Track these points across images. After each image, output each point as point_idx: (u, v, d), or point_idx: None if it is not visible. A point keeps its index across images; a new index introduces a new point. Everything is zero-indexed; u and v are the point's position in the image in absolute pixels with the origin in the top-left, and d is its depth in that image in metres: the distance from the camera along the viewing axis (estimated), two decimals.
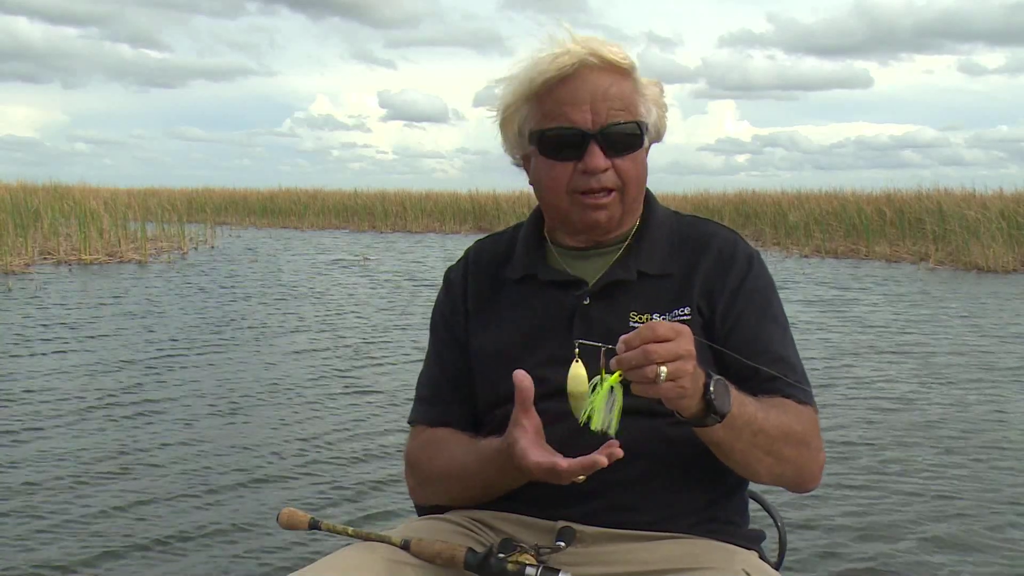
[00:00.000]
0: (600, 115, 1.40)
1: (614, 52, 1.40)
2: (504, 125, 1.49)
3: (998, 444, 4.83)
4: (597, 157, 1.41)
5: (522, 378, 1.29)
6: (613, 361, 1.20)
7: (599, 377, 1.21)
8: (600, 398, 1.20)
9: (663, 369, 1.17)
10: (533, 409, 1.31)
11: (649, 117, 1.46)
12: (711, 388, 1.24)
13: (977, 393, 6.07)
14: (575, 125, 1.41)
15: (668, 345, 1.18)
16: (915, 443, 4.85)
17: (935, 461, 4.53)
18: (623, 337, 1.20)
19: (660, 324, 1.19)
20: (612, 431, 1.20)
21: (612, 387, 1.20)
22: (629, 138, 1.43)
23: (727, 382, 1.28)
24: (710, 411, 1.25)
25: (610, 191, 1.44)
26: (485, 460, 1.40)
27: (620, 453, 1.23)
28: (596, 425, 1.20)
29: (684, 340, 1.20)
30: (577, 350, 1.27)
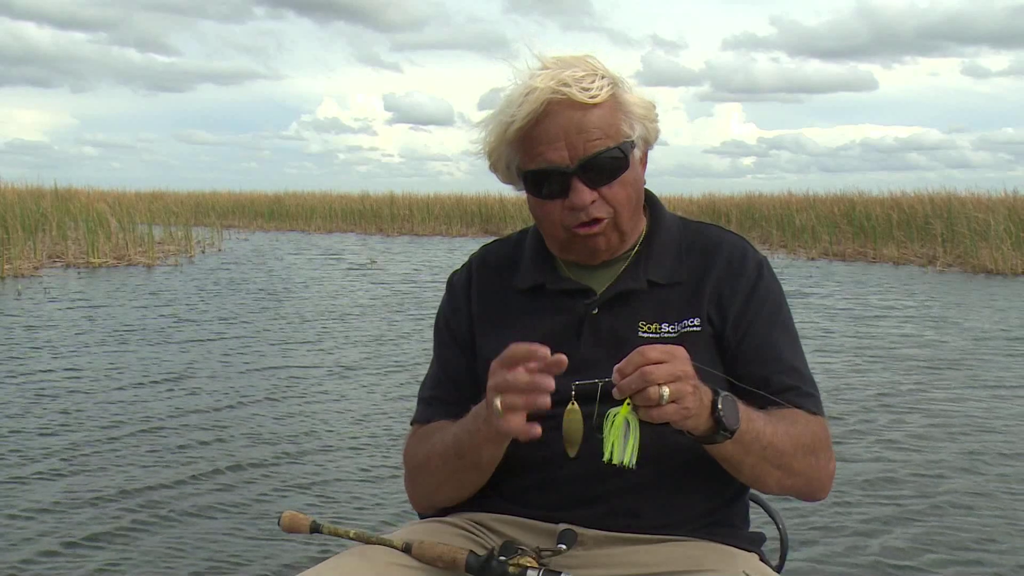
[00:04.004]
0: (577, 149, 1.37)
1: (584, 90, 1.35)
2: (494, 167, 1.47)
3: (1007, 447, 4.82)
4: (581, 193, 1.38)
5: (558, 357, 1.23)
6: (615, 391, 1.20)
7: (614, 411, 1.20)
8: (616, 431, 1.19)
9: (665, 390, 1.17)
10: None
11: (634, 133, 1.42)
12: (719, 406, 1.24)
13: (987, 396, 6.05)
14: (553, 164, 1.38)
15: (664, 366, 1.18)
16: (919, 446, 4.84)
17: (939, 464, 4.52)
18: (616, 367, 1.20)
19: (651, 348, 1.19)
20: (627, 461, 1.19)
21: (627, 419, 1.19)
22: (612, 164, 1.39)
23: (735, 398, 1.28)
24: (720, 428, 1.25)
25: (602, 219, 1.42)
26: (464, 421, 1.39)
27: (538, 431, 1.23)
28: (617, 460, 1.19)
29: (679, 362, 1.20)
30: (574, 392, 1.25)
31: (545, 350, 1.22)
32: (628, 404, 1.20)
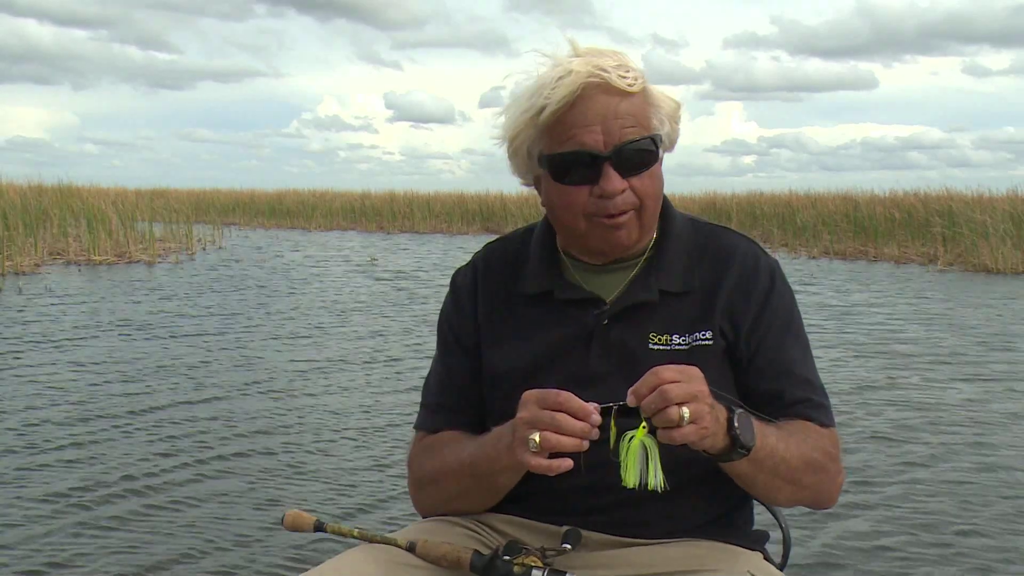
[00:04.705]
0: (612, 135, 1.33)
1: (622, 77, 1.33)
2: (515, 153, 1.42)
3: (1009, 446, 4.82)
4: (613, 180, 1.34)
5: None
6: (630, 397, 1.19)
7: (629, 434, 1.20)
8: (633, 456, 1.19)
9: (685, 410, 1.16)
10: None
11: (662, 128, 1.39)
12: (735, 423, 1.23)
13: (986, 395, 6.05)
14: (587, 148, 1.34)
15: (681, 385, 1.18)
16: (920, 446, 4.84)
17: (941, 464, 4.52)
18: (631, 389, 1.19)
19: (666, 368, 1.19)
20: (651, 485, 1.19)
21: (643, 442, 1.19)
22: (644, 155, 1.36)
23: (749, 415, 1.27)
24: (736, 446, 1.24)
25: (627, 212, 1.38)
26: (483, 444, 1.37)
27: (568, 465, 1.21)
28: (634, 483, 1.19)
29: (695, 381, 1.19)
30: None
31: (597, 417, 1.21)
32: (644, 428, 1.19)
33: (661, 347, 1.39)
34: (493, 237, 1.66)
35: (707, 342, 1.40)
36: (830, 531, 3.57)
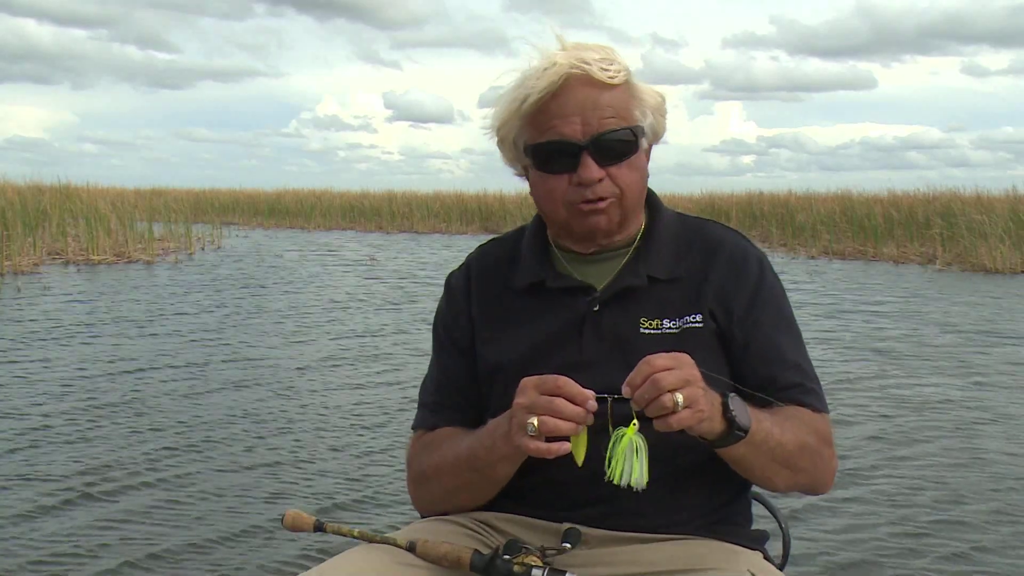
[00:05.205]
0: (591, 125, 1.38)
1: (604, 70, 1.37)
2: (501, 143, 1.47)
3: (1009, 442, 4.83)
4: (590, 168, 1.38)
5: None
6: (625, 389, 1.21)
7: (619, 430, 1.21)
8: (622, 451, 1.20)
9: (679, 396, 1.18)
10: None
11: (644, 120, 1.43)
12: (730, 406, 1.25)
13: (972, 390, 6.07)
14: (566, 138, 1.38)
15: (673, 372, 1.19)
16: (919, 443, 4.85)
17: (940, 461, 4.53)
18: (626, 381, 1.21)
19: (657, 356, 1.20)
20: (633, 482, 1.20)
21: (632, 440, 1.20)
22: (623, 145, 1.40)
23: (741, 399, 1.29)
24: (733, 428, 1.26)
25: (607, 199, 1.41)
26: (480, 435, 1.39)
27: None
28: (620, 480, 1.20)
29: (687, 367, 1.21)
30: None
31: (594, 403, 1.23)
32: (634, 425, 1.20)
33: (652, 331, 1.42)
34: (491, 237, 1.68)
35: (697, 324, 1.42)
36: (831, 530, 3.58)
